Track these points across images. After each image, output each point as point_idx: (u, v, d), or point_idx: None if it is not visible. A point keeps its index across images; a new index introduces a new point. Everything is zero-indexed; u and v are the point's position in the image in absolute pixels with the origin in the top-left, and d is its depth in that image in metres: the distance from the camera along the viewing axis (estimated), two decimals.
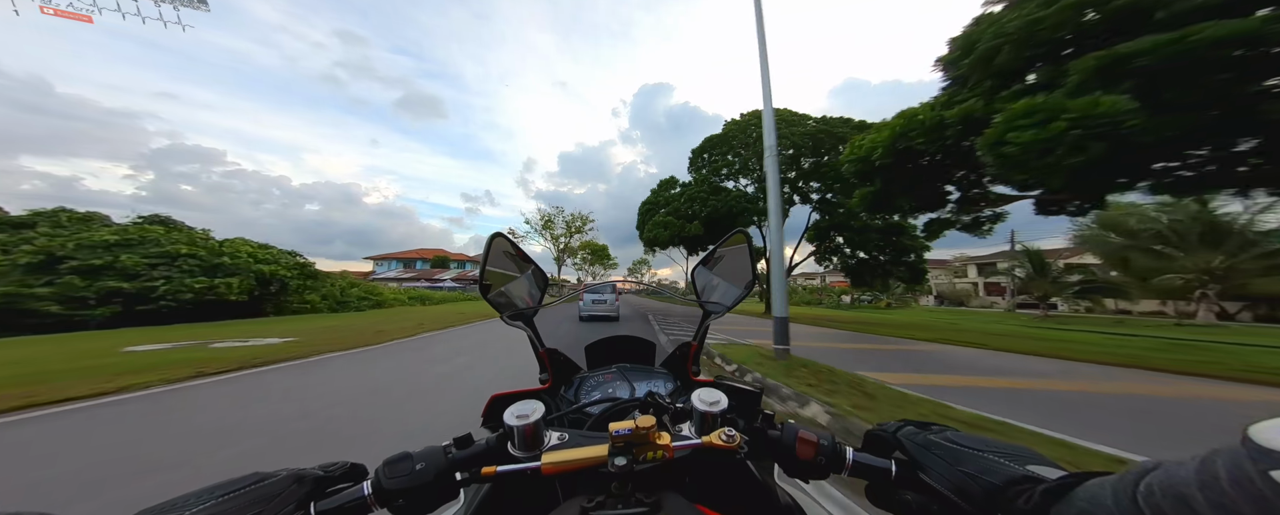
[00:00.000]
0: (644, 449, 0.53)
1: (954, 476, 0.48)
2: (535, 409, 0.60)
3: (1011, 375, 6.83)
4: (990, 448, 0.50)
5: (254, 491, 0.47)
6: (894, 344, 10.75)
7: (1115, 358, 8.44)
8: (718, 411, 0.61)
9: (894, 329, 14.43)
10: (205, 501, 0.44)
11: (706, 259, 1.04)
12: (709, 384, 0.70)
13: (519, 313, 0.95)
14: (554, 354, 1.01)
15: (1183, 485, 0.29)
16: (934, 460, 0.51)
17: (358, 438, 3.59)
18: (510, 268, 0.95)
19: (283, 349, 7.97)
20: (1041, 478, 0.43)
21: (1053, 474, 0.43)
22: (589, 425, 0.80)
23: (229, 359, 6.81)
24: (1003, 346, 9.99)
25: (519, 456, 0.58)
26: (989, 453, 0.49)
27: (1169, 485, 0.30)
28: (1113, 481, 0.35)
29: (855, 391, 4.83)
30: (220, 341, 9.16)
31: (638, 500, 0.50)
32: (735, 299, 0.98)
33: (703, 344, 1.03)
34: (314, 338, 9.73)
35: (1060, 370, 7.42)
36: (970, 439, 0.52)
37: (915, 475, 0.53)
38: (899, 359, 8.45)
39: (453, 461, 0.57)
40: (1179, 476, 0.30)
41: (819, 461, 0.58)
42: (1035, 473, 0.44)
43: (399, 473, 0.54)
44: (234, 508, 0.44)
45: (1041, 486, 0.41)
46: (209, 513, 0.42)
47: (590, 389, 0.98)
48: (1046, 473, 0.43)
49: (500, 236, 0.89)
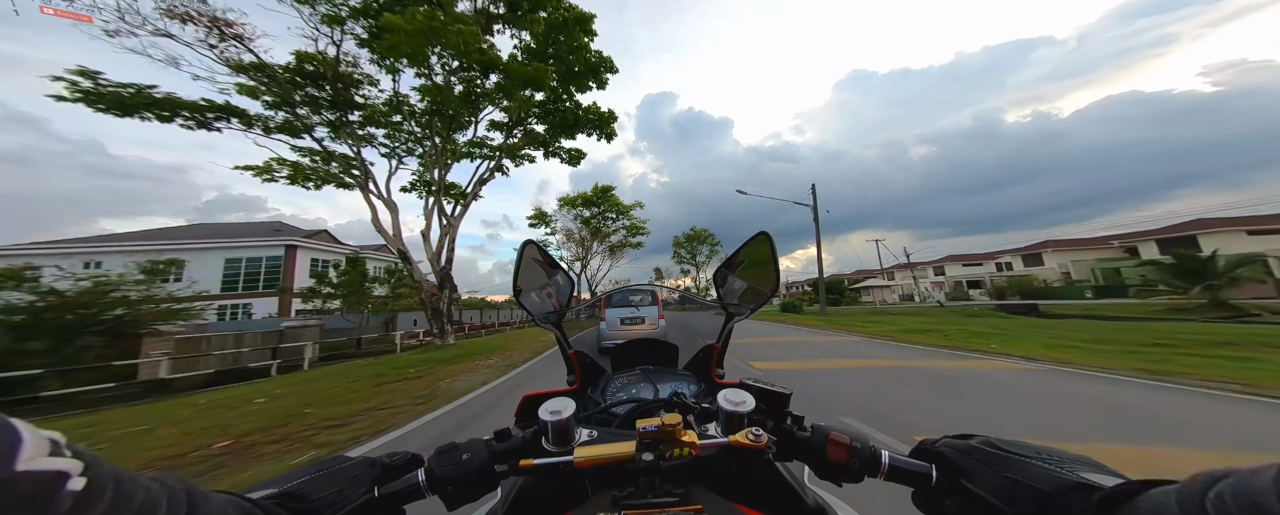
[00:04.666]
0: (670, 446, 0.53)
1: (999, 483, 0.46)
2: (567, 406, 0.62)
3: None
4: (1039, 454, 0.47)
5: (338, 472, 0.54)
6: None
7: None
8: (745, 412, 0.61)
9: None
10: (302, 477, 0.52)
11: (729, 262, 1.04)
12: (734, 386, 0.69)
13: (548, 316, 1.01)
14: (581, 356, 1.03)
15: (1259, 494, 0.27)
16: (977, 466, 0.49)
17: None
18: (540, 273, 1.01)
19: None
20: (1097, 485, 0.40)
21: (1109, 481, 0.40)
22: (617, 424, 0.81)
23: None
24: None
25: (552, 451, 0.61)
26: (1037, 459, 0.46)
27: (1242, 494, 0.28)
28: (1177, 490, 0.33)
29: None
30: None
31: (667, 491, 0.52)
32: (759, 301, 0.98)
33: (726, 346, 1.03)
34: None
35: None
36: (1017, 445, 0.49)
37: (958, 482, 0.51)
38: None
39: (494, 453, 0.60)
40: (1254, 485, 0.27)
41: (852, 464, 0.56)
42: (1090, 480, 0.41)
43: (448, 461, 0.58)
44: (323, 484, 0.52)
45: (1098, 495, 0.39)
46: (305, 486, 0.50)
47: (616, 390, 1.00)
48: (1102, 480, 0.41)
49: (531, 244, 0.94)
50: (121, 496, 0.27)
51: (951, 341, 9.94)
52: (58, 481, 0.24)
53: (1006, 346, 8.60)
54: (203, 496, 0.35)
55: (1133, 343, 8.61)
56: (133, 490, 0.29)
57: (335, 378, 8.67)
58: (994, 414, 4.13)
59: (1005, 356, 7.54)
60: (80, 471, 0.25)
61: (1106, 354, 7.33)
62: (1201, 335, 9.38)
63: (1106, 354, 7.33)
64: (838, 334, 13.25)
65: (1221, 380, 5.13)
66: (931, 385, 5.45)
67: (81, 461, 0.26)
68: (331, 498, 0.50)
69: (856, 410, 4.33)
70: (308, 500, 0.48)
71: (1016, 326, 13.82)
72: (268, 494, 0.47)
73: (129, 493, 0.28)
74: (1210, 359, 6.52)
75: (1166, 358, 6.66)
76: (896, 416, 4.06)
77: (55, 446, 0.25)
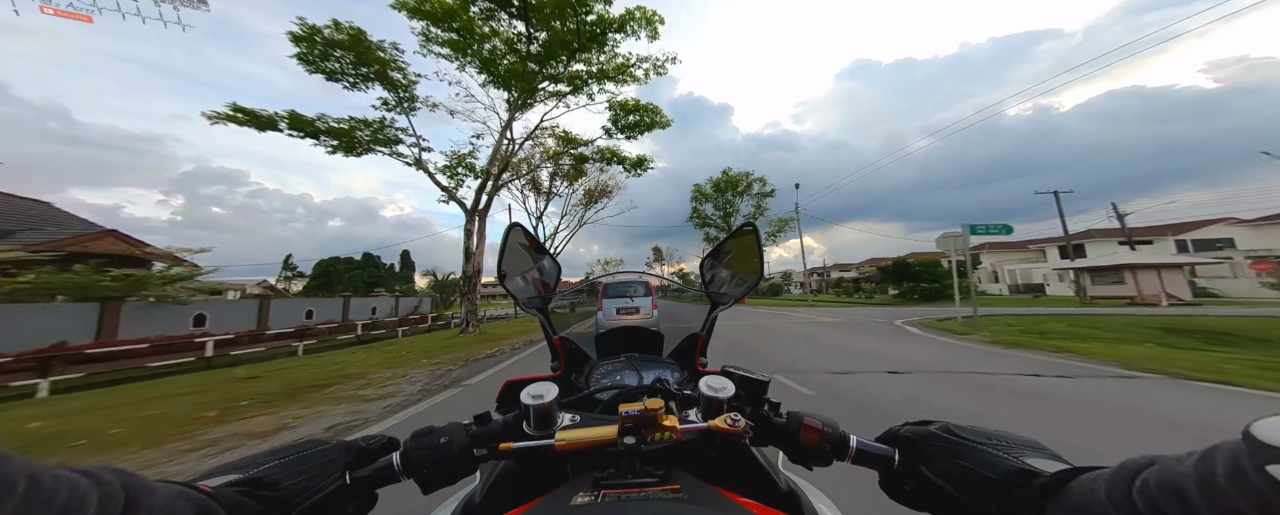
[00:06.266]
0: (652, 430, 0.55)
1: (953, 469, 0.49)
2: (549, 390, 0.62)
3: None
4: (990, 439, 0.50)
5: (309, 457, 0.53)
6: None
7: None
8: (724, 398, 0.62)
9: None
10: (269, 462, 0.50)
11: (716, 251, 1.06)
12: (716, 373, 0.71)
13: (533, 300, 1.01)
14: (566, 342, 1.04)
15: (1180, 480, 0.29)
16: (934, 452, 0.51)
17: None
18: (526, 257, 1.00)
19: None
20: (1038, 471, 0.43)
21: (1052, 466, 0.43)
22: (599, 409, 0.83)
23: None
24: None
25: (533, 435, 0.61)
26: (988, 445, 0.49)
27: (1165, 480, 0.30)
28: (1107, 476, 0.35)
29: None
30: None
31: (647, 473, 0.53)
32: (744, 291, 1.00)
33: (711, 335, 1.05)
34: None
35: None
36: (971, 431, 0.52)
37: (917, 467, 0.53)
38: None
39: (473, 437, 0.60)
40: (1176, 471, 0.29)
41: (823, 449, 0.59)
42: (1033, 466, 0.44)
43: (424, 445, 0.58)
44: (292, 470, 0.50)
45: (1037, 481, 0.41)
46: (274, 471, 0.49)
47: (600, 376, 1.01)
48: (1045, 465, 0.43)
49: (517, 227, 0.94)
50: (36, 495, 0.24)
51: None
52: None
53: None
54: (146, 490, 0.32)
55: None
56: (53, 488, 0.25)
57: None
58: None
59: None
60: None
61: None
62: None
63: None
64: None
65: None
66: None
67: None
68: (301, 484, 0.49)
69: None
70: (276, 487, 0.47)
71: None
72: (229, 480, 0.45)
73: (47, 491, 0.25)
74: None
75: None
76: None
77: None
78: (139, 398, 6.33)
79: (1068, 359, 6.89)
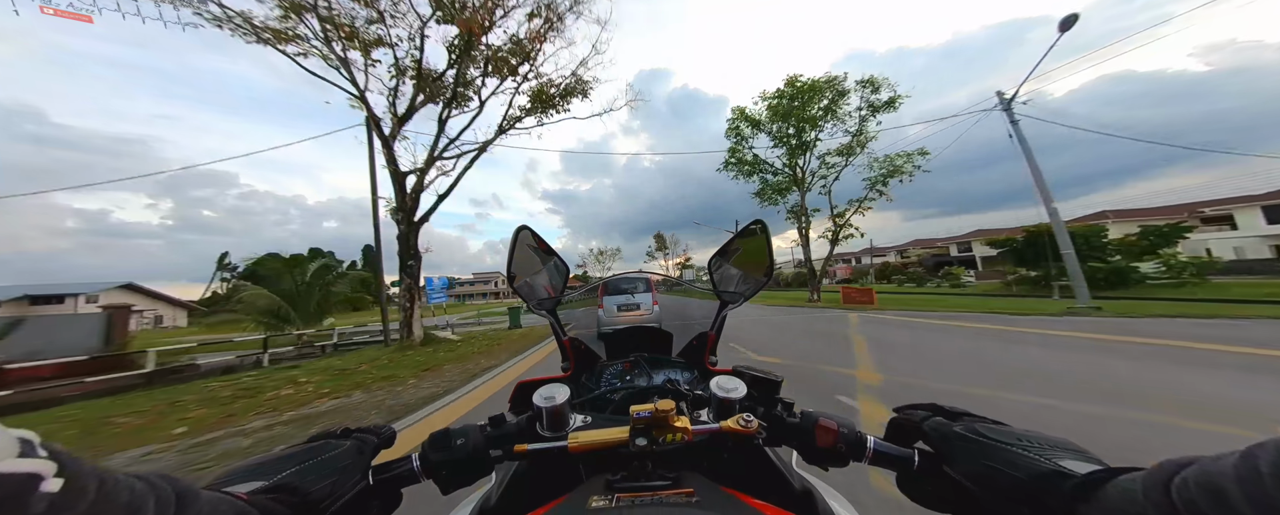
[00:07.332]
0: (663, 431, 0.54)
1: (978, 469, 0.47)
2: (561, 392, 0.63)
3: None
4: (1019, 440, 0.48)
5: (329, 460, 0.52)
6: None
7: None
8: (736, 398, 0.62)
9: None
10: (291, 467, 0.49)
11: (723, 250, 1.05)
12: (727, 373, 0.70)
13: (543, 302, 1.00)
14: (576, 343, 1.04)
15: (1220, 479, 0.28)
16: (959, 451, 0.50)
17: None
18: (534, 259, 1.00)
19: None
20: (1070, 472, 0.42)
21: (1085, 468, 0.42)
22: (610, 410, 0.82)
23: None
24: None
25: (547, 436, 0.61)
26: (1017, 445, 0.47)
27: (1205, 480, 0.29)
28: (1144, 476, 0.34)
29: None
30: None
31: (660, 475, 0.53)
32: (753, 289, 0.99)
33: (720, 334, 1.04)
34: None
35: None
36: (999, 430, 0.50)
37: (939, 467, 0.52)
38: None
39: (489, 439, 0.61)
40: (1216, 471, 0.29)
41: (839, 449, 0.58)
42: (1065, 467, 0.43)
43: (442, 447, 0.58)
44: (315, 473, 0.49)
45: (1070, 482, 0.40)
46: (299, 476, 0.48)
47: (610, 377, 1.01)
48: (1078, 466, 0.42)
49: (525, 229, 0.93)
50: (104, 497, 0.26)
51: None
52: (30, 484, 0.23)
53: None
54: (193, 495, 0.34)
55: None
56: (116, 490, 0.27)
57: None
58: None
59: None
60: (55, 472, 0.24)
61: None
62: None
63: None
64: None
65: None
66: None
67: (56, 462, 0.25)
68: (327, 488, 0.49)
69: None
70: (302, 492, 0.47)
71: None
72: (259, 486, 0.45)
73: (112, 493, 0.27)
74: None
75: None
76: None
77: (26, 447, 0.24)
78: None
79: None
